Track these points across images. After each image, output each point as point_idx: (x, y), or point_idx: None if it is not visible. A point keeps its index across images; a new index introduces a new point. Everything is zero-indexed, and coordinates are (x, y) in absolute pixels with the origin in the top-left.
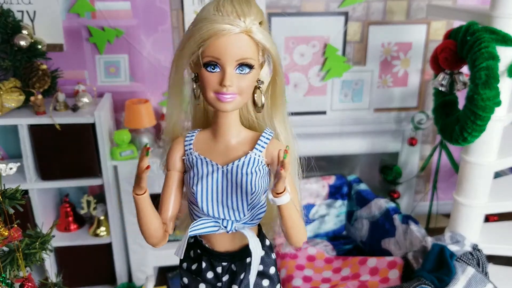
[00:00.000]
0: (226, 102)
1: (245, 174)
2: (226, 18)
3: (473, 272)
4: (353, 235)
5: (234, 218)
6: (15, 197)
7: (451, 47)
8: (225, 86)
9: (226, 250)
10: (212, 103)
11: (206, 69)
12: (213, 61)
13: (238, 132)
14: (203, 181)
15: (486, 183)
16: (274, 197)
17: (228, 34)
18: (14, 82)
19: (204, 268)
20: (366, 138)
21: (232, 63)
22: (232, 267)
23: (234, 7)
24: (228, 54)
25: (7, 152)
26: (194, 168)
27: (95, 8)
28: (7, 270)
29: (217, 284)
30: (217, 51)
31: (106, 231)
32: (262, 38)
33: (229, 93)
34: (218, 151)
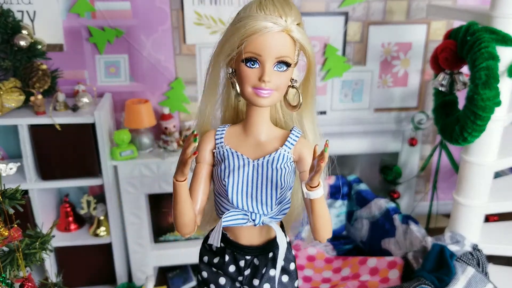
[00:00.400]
0: (264, 97)
1: (275, 169)
2: (269, 17)
3: (473, 272)
4: (353, 235)
5: (262, 211)
6: (15, 197)
7: (451, 47)
8: (264, 82)
9: (250, 243)
10: (249, 98)
11: (246, 64)
12: (253, 57)
13: (268, 129)
14: (235, 174)
15: (486, 183)
16: (308, 191)
17: (270, 31)
18: (14, 82)
19: (227, 261)
20: (366, 138)
21: (272, 60)
22: (255, 261)
23: (276, 7)
24: (269, 51)
25: (7, 152)
26: (225, 161)
27: (95, 8)
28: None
29: (238, 278)
30: (259, 47)
31: (106, 231)
32: (301, 37)
33: (267, 88)
34: (249, 146)
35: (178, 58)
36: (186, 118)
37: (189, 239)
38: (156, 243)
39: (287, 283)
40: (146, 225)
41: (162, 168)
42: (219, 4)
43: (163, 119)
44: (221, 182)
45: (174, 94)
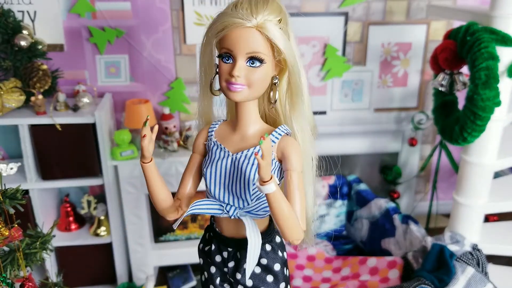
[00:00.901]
0: (235, 91)
1: (251, 164)
2: (240, 13)
3: (473, 272)
4: (353, 235)
5: (238, 205)
6: (16, 197)
7: (451, 47)
8: (234, 76)
9: (232, 235)
10: (224, 92)
11: (221, 60)
12: (227, 52)
13: (254, 124)
14: (213, 165)
15: (486, 183)
16: (260, 185)
17: (239, 27)
18: (15, 82)
19: (213, 250)
20: (366, 138)
21: (243, 55)
22: (237, 254)
23: (250, 5)
24: (239, 46)
25: (7, 152)
26: (209, 152)
27: (96, 9)
28: (8, 270)
29: (223, 269)
30: (230, 42)
31: (107, 231)
32: (274, 35)
33: (237, 83)
34: (234, 140)
35: (179, 58)
36: (186, 118)
37: (189, 239)
38: (156, 243)
39: (272, 283)
40: (146, 225)
41: (162, 168)
42: (219, 4)
43: (163, 119)
44: (203, 169)
45: (174, 94)
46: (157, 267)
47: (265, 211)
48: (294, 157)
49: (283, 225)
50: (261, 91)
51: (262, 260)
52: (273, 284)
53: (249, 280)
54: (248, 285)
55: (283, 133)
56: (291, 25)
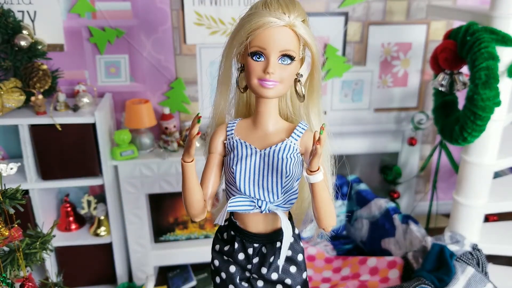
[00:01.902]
0: (268, 88)
1: (281, 159)
2: (273, 13)
3: (473, 272)
4: (353, 235)
5: (268, 199)
6: (16, 197)
7: (451, 47)
8: (269, 73)
9: (258, 231)
10: (255, 89)
11: (252, 58)
12: (259, 51)
13: (276, 121)
14: (242, 162)
15: (485, 183)
16: (308, 175)
17: (274, 26)
18: (15, 82)
19: (237, 249)
20: (366, 138)
21: (276, 53)
22: (263, 249)
23: (280, 4)
24: (273, 45)
25: (7, 152)
26: (234, 151)
27: (96, 9)
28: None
29: (247, 266)
30: (263, 41)
31: (107, 231)
32: (304, 32)
33: (271, 80)
34: (257, 137)
35: (179, 58)
36: (186, 118)
37: (189, 238)
38: (156, 243)
39: (295, 274)
40: (146, 225)
41: (162, 168)
42: (219, 4)
43: (163, 119)
44: (230, 170)
45: (174, 94)
46: (157, 267)
47: (291, 204)
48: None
49: (324, 212)
50: (289, 88)
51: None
52: (297, 274)
53: (274, 273)
54: (273, 278)
55: (305, 128)
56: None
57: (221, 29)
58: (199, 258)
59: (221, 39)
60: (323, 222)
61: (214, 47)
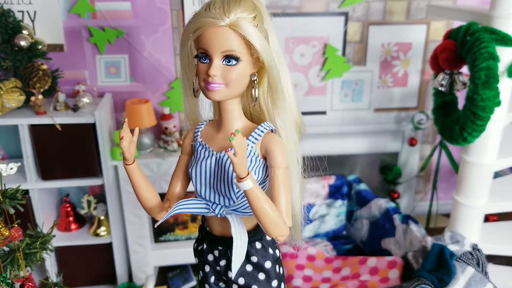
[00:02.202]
0: (212, 90)
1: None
2: (212, 13)
3: (473, 272)
4: (353, 235)
5: (224, 203)
6: (16, 197)
7: (451, 47)
8: (210, 76)
9: (221, 234)
10: (203, 92)
11: (199, 60)
12: (203, 52)
13: (238, 122)
14: (198, 164)
15: (486, 183)
16: (237, 182)
17: (213, 27)
18: (15, 82)
19: (206, 249)
20: (366, 138)
21: (218, 55)
22: (228, 252)
23: (223, 4)
24: (214, 46)
25: (7, 152)
26: (195, 153)
27: (96, 9)
28: (8, 270)
29: (216, 268)
30: (205, 42)
31: (107, 231)
32: (247, 32)
33: (214, 82)
34: (218, 139)
35: (178, 58)
36: None
37: (189, 238)
38: (156, 243)
39: (263, 281)
40: (146, 225)
41: (162, 168)
42: None
43: (163, 119)
44: (190, 169)
45: (174, 94)
46: (157, 267)
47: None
48: (278, 153)
49: (264, 221)
50: (240, 89)
51: (252, 258)
52: (265, 282)
53: (241, 278)
54: (240, 283)
55: (266, 130)
56: (269, 22)
57: None
58: None
59: None
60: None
61: None
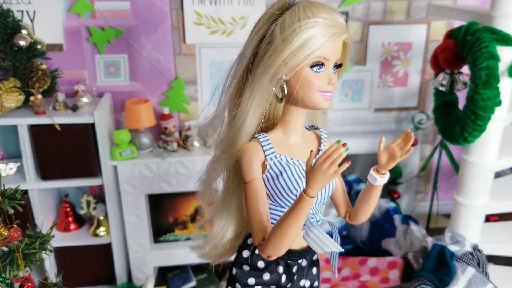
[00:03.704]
0: (329, 99)
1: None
2: (339, 23)
3: (474, 272)
4: (353, 235)
5: (319, 211)
6: (15, 197)
7: (452, 47)
8: (333, 84)
9: (301, 247)
10: (316, 103)
11: (312, 69)
12: (321, 62)
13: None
14: (303, 180)
15: (486, 183)
16: (380, 177)
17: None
18: (14, 82)
19: (281, 272)
20: (366, 138)
21: (333, 63)
22: (303, 263)
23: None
24: (335, 54)
25: (6, 152)
26: (287, 171)
27: (95, 8)
28: (7, 270)
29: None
30: (329, 51)
31: (106, 231)
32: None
33: (332, 90)
34: (297, 150)
35: (178, 58)
36: (186, 118)
37: (189, 239)
38: (156, 243)
39: (317, 274)
40: (146, 225)
41: (161, 168)
42: (219, 4)
43: (163, 119)
44: (289, 193)
45: (174, 94)
46: (156, 268)
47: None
48: None
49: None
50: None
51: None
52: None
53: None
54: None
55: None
56: None
57: (220, 28)
58: (198, 258)
59: (220, 39)
60: (363, 216)
61: (214, 46)
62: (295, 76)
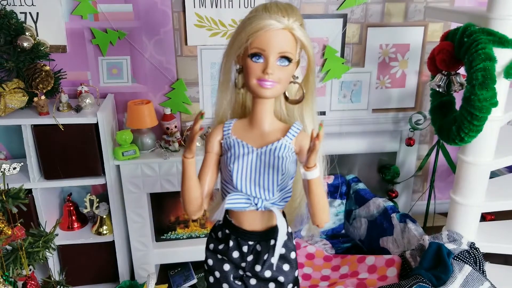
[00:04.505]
0: (267, 88)
1: (277, 157)
2: (273, 16)
3: (470, 270)
4: (352, 234)
5: (264, 196)
6: (19, 197)
7: (448, 48)
8: (268, 74)
9: (253, 229)
10: (254, 89)
11: (251, 59)
12: (258, 52)
13: (271, 121)
14: (239, 160)
15: (482, 182)
16: (306, 171)
17: (273, 28)
18: (18, 83)
19: (231, 247)
20: (365, 138)
21: (275, 55)
22: (257, 247)
23: (280, 8)
24: (272, 46)
25: (10, 152)
26: (231, 149)
27: (98, 10)
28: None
29: (241, 264)
30: (263, 43)
31: (109, 230)
32: (302, 36)
33: (270, 80)
34: (254, 136)
35: (180, 59)
36: (187, 118)
37: (190, 237)
38: (158, 242)
39: (288, 271)
40: (148, 223)
41: (163, 167)
42: (219, 6)
43: (164, 120)
44: (227, 169)
45: (175, 95)
46: (158, 265)
47: (285, 201)
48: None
49: (319, 208)
50: (284, 89)
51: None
52: (289, 272)
53: (268, 271)
54: (267, 276)
55: (300, 128)
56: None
57: (221, 30)
58: (200, 256)
59: (221, 41)
60: (318, 218)
61: (215, 48)
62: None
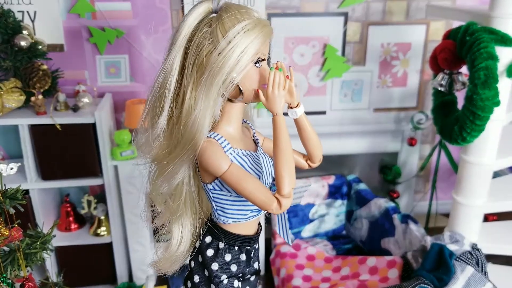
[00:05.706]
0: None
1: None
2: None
3: (472, 272)
4: (353, 235)
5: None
6: (16, 197)
7: (450, 47)
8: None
9: (255, 232)
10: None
11: (255, 65)
12: (261, 57)
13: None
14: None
15: (485, 182)
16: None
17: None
18: (15, 82)
19: (244, 260)
20: (366, 138)
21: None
22: (256, 246)
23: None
24: (267, 50)
25: (7, 152)
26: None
27: (96, 9)
28: (8, 269)
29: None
30: (265, 47)
31: (107, 231)
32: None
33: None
34: (245, 142)
35: None
36: None
37: None
38: (156, 243)
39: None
40: (146, 224)
41: None
42: None
43: None
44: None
45: None
46: None
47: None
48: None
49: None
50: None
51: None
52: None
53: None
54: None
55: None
56: None
57: None
58: None
59: None
60: (314, 153)
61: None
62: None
